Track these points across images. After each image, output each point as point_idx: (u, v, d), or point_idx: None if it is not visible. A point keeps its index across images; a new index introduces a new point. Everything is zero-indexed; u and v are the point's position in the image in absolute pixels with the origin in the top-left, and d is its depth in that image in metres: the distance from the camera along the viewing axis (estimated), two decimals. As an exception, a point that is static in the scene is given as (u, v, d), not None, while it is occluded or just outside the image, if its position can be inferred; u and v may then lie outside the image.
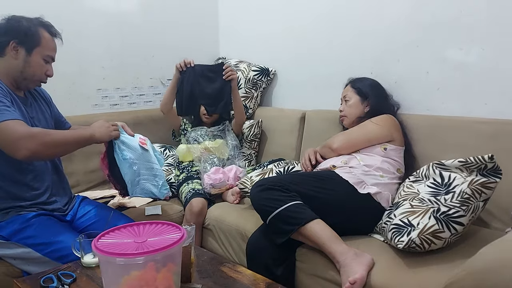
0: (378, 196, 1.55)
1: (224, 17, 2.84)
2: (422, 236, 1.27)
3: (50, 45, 1.49)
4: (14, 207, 1.42)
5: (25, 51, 1.43)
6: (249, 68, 2.48)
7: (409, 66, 1.91)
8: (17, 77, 1.44)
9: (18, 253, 1.37)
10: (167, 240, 0.98)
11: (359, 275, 1.24)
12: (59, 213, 1.52)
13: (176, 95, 2.22)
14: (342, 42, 2.16)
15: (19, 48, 1.42)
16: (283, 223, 1.43)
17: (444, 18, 1.76)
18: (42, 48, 1.45)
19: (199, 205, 1.89)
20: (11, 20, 1.44)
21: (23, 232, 1.38)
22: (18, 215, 1.41)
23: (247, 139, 2.37)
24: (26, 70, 1.44)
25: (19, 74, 1.44)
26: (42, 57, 1.46)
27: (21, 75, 1.44)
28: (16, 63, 1.42)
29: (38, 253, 1.35)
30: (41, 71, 1.48)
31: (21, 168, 1.44)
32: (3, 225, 1.39)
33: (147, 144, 1.60)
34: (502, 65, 1.64)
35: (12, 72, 1.43)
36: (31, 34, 1.43)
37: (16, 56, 1.42)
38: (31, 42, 1.43)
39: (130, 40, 2.46)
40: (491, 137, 1.58)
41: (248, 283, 1.16)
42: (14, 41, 1.41)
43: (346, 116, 1.85)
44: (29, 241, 1.37)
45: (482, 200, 1.31)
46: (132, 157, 1.52)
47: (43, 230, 1.39)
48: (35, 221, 1.41)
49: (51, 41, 1.49)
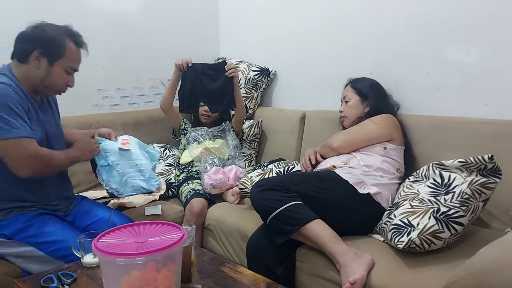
0: (378, 196, 1.55)
1: (224, 17, 2.84)
2: (422, 236, 1.27)
3: (75, 57, 1.47)
4: (17, 207, 1.42)
5: (47, 62, 1.41)
6: (249, 68, 2.48)
7: (409, 66, 1.91)
8: (37, 85, 1.43)
9: (20, 251, 1.37)
10: (167, 240, 0.99)
11: (359, 275, 1.24)
12: (61, 213, 1.53)
13: (178, 92, 2.23)
14: (342, 42, 2.16)
15: (41, 58, 1.40)
16: (283, 223, 1.43)
17: (444, 19, 1.76)
18: (65, 60, 1.44)
19: (199, 205, 1.89)
20: (37, 28, 1.42)
21: (26, 231, 1.38)
22: (21, 214, 1.41)
23: (247, 139, 2.37)
24: (47, 80, 1.43)
25: (39, 82, 1.43)
26: (64, 68, 1.45)
27: (41, 84, 1.44)
28: (37, 72, 1.41)
29: (41, 252, 1.36)
30: (62, 82, 1.47)
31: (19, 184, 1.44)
32: (5, 224, 1.39)
33: (129, 143, 1.68)
34: (502, 65, 1.64)
35: (33, 80, 1.42)
36: (56, 44, 1.41)
37: (38, 66, 1.41)
38: (54, 53, 1.42)
39: (130, 41, 2.46)
40: (491, 137, 1.58)
41: (248, 283, 1.16)
42: (37, 50, 1.39)
43: (346, 117, 1.85)
44: (32, 240, 1.37)
45: (482, 201, 1.31)
46: (114, 160, 1.64)
47: (45, 229, 1.40)
48: (38, 220, 1.41)
49: (76, 52, 1.47)
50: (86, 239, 1.24)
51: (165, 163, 2.27)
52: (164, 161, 2.29)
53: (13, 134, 1.30)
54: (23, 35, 1.41)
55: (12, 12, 1.98)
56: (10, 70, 1.41)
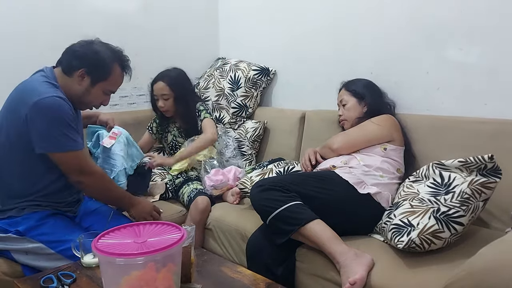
0: (378, 196, 1.55)
1: (224, 17, 2.83)
2: (422, 236, 1.27)
3: (117, 81, 1.53)
4: (30, 205, 1.43)
5: (90, 82, 1.45)
6: (249, 67, 2.48)
7: (409, 66, 1.91)
8: (74, 97, 1.46)
9: (30, 248, 1.38)
10: (167, 240, 0.98)
11: (359, 276, 1.24)
12: (71, 213, 1.55)
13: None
14: (342, 42, 2.16)
15: (86, 77, 1.44)
16: (283, 224, 1.43)
17: (444, 18, 1.76)
18: (107, 83, 1.48)
19: (205, 202, 1.91)
20: (90, 46, 1.45)
21: (38, 229, 1.39)
22: (34, 212, 1.42)
23: (250, 139, 2.38)
24: (84, 97, 1.47)
25: (77, 98, 1.46)
26: (103, 90, 1.48)
27: (78, 99, 1.47)
28: (78, 88, 1.44)
29: (51, 250, 1.37)
30: (98, 101, 1.51)
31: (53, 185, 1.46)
32: (19, 220, 1.40)
33: (116, 138, 1.73)
34: (502, 65, 1.64)
35: (71, 92, 1.44)
36: (102, 67, 1.45)
37: (80, 83, 1.44)
38: (99, 75, 1.45)
39: (130, 41, 2.45)
40: (491, 137, 1.58)
41: (248, 283, 1.16)
42: (84, 69, 1.42)
43: (346, 120, 1.85)
44: (44, 238, 1.38)
45: (482, 200, 1.31)
46: (98, 152, 1.76)
47: (57, 228, 1.41)
48: (50, 219, 1.43)
49: (120, 77, 1.53)
50: (86, 239, 1.24)
51: (159, 168, 2.26)
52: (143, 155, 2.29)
53: (78, 146, 1.39)
54: (74, 50, 1.45)
55: (12, 12, 1.98)
56: (55, 79, 1.43)
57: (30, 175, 1.42)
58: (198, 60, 2.74)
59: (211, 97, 2.52)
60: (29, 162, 1.40)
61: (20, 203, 1.42)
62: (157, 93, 2.16)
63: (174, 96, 2.15)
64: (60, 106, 1.35)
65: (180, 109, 2.19)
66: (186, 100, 2.19)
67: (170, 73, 2.18)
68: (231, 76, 2.48)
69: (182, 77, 2.22)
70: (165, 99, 2.15)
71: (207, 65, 2.79)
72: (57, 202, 1.48)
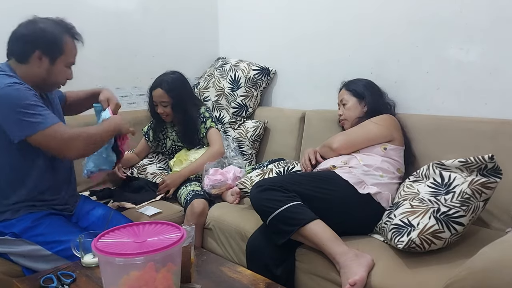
0: (378, 196, 1.55)
1: (224, 17, 2.83)
2: (422, 236, 1.27)
3: (73, 52, 1.48)
4: (26, 206, 1.43)
5: (49, 61, 1.41)
6: (249, 67, 2.48)
7: (409, 66, 1.90)
8: (38, 83, 1.43)
9: (27, 250, 1.38)
10: (166, 240, 0.98)
11: (359, 277, 1.23)
12: (67, 212, 1.54)
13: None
14: (342, 42, 2.16)
15: (43, 57, 1.40)
16: (283, 224, 1.42)
17: (444, 18, 1.76)
18: (65, 56, 1.45)
19: (201, 206, 1.88)
20: (33, 25, 1.40)
21: (34, 230, 1.39)
22: (29, 213, 1.42)
23: (250, 139, 2.37)
24: (49, 78, 1.44)
25: (41, 80, 1.43)
26: (65, 65, 1.46)
27: (43, 82, 1.44)
28: (39, 71, 1.41)
29: (48, 251, 1.37)
30: (63, 77, 1.48)
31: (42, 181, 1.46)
32: (14, 222, 1.40)
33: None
34: (502, 65, 1.63)
35: (34, 78, 1.42)
36: (56, 43, 1.41)
37: (39, 65, 1.40)
38: (55, 52, 1.42)
39: (130, 40, 2.46)
40: (491, 137, 1.57)
41: (248, 283, 1.16)
42: (38, 51, 1.39)
43: (347, 119, 1.85)
44: (40, 239, 1.38)
45: (482, 200, 1.30)
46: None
47: (53, 229, 1.41)
48: (46, 219, 1.42)
49: (74, 47, 1.48)
50: (85, 239, 1.24)
51: (158, 167, 2.26)
52: (156, 164, 2.29)
53: (47, 124, 1.32)
54: (20, 34, 1.40)
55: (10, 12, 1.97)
56: (11, 70, 1.40)
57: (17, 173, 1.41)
58: (198, 60, 2.74)
59: (211, 97, 2.52)
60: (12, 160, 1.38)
61: (14, 205, 1.41)
62: (156, 100, 2.14)
63: (172, 103, 2.13)
64: (17, 90, 1.32)
65: (178, 115, 2.16)
66: (184, 105, 2.16)
67: (167, 79, 2.14)
68: (231, 76, 2.48)
69: (180, 82, 2.18)
70: (164, 106, 2.14)
71: (207, 65, 2.79)
72: (52, 200, 1.47)
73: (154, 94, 2.14)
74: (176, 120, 2.20)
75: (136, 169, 2.24)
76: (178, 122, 2.20)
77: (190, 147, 2.21)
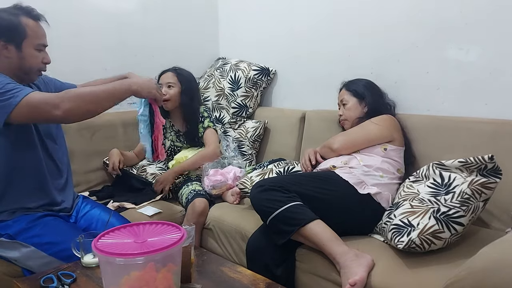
0: (378, 196, 1.55)
1: (224, 17, 2.83)
2: (422, 237, 1.27)
3: (38, 33, 1.41)
4: (21, 208, 1.42)
5: (15, 48, 1.36)
6: (250, 67, 2.48)
7: (409, 66, 1.91)
8: (17, 72, 1.40)
9: (23, 252, 1.36)
10: (167, 240, 0.98)
11: (359, 277, 1.24)
12: (64, 213, 1.53)
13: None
14: (342, 42, 2.16)
15: (8, 45, 1.36)
16: (283, 224, 1.42)
17: (444, 18, 1.76)
18: (30, 39, 1.38)
19: (202, 205, 1.89)
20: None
21: (29, 231, 1.38)
22: (25, 214, 1.41)
23: (250, 139, 2.37)
24: (23, 65, 1.40)
25: (18, 70, 1.40)
26: (33, 47, 1.40)
27: (20, 71, 1.40)
28: (10, 61, 1.38)
29: (43, 253, 1.35)
30: (37, 62, 1.42)
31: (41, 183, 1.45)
32: (9, 223, 1.39)
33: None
34: (502, 65, 1.63)
35: (9, 70, 1.38)
36: (15, 27, 1.35)
37: (7, 54, 1.37)
38: (17, 36, 1.36)
39: (130, 40, 2.46)
40: (491, 137, 1.58)
41: (248, 283, 1.16)
42: (1, 39, 1.34)
43: (347, 120, 1.85)
44: (35, 240, 1.36)
45: (482, 200, 1.31)
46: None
47: (49, 230, 1.39)
48: (42, 220, 1.41)
49: (37, 27, 1.41)
50: (86, 239, 1.24)
51: (157, 167, 2.26)
52: (156, 164, 2.29)
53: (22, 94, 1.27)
54: None
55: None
56: None
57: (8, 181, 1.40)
58: (198, 60, 2.74)
59: (211, 97, 2.52)
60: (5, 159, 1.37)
61: (9, 206, 1.40)
62: (162, 81, 2.11)
63: (181, 88, 2.12)
64: None
65: (185, 101, 2.13)
66: (192, 96, 2.15)
67: (181, 69, 2.18)
68: (231, 76, 2.48)
69: (192, 77, 2.21)
70: (169, 87, 2.10)
71: (207, 65, 2.79)
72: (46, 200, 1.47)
73: (163, 77, 2.14)
74: (180, 107, 2.16)
75: (136, 169, 2.24)
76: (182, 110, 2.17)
77: (191, 144, 2.20)
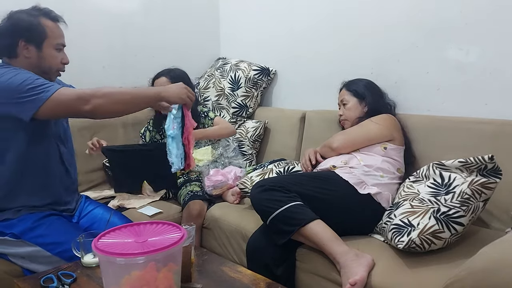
0: (378, 196, 1.55)
1: (225, 17, 2.84)
2: (422, 236, 1.27)
3: (57, 33, 1.45)
4: (26, 206, 1.43)
5: (35, 48, 1.40)
6: (250, 67, 2.48)
7: (409, 66, 1.91)
8: (35, 72, 1.40)
9: (27, 251, 1.37)
10: (167, 240, 0.99)
11: (359, 277, 1.24)
12: (68, 213, 1.54)
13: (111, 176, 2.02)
14: (342, 42, 2.16)
15: (29, 46, 1.39)
16: (283, 224, 1.43)
17: (444, 18, 1.76)
18: (50, 39, 1.42)
19: (197, 208, 1.88)
20: (11, 18, 1.40)
21: (34, 231, 1.38)
22: (30, 213, 1.41)
23: (251, 139, 2.38)
24: (42, 65, 1.42)
25: (37, 70, 1.41)
26: (53, 48, 1.44)
27: (40, 71, 1.42)
28: (30, 61, 1.40)
29: (48, 252, 1.36)
30: (56, 62, 1.46)
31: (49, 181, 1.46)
32: (14, 222, 1.39)
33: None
34: (502, 65, 1.64)
35: (29, 69, 1.39)
36: (35, 28, 1.39)
37: (28, 54, 1.40)
38: (38, 36, 1.40)
39: (131, 41, 2.46)
40: (491, 137, 1.58)
41: (248, 283, 1.16)
42: (21, 40, 1.38)
43: (347, 119, 1.86)
44: (40, 240, 1.37)
45: (482, 201, 1.31)
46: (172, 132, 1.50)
47: (54, 230, 1.40)
48: (47, 220, 1.42)
49: (57, 28, 1.45)
50: (86, 239, 1.24)
51: None
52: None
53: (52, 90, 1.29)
54: (1, 31, 1.39)
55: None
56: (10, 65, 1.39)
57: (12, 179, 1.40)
58: (198, 60, 2.74)
59: (211, 97, 2.52)
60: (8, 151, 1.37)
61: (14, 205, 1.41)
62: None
63: None
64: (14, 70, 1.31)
65: None
66: None
67: (173, 71, 2.17)
68: (231, 76, 2.48)
69: (185, 74, 2.20)
70: None
71: (207, 65, 2.79)
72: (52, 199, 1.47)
73: (157, 82, 2.14)
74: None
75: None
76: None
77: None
